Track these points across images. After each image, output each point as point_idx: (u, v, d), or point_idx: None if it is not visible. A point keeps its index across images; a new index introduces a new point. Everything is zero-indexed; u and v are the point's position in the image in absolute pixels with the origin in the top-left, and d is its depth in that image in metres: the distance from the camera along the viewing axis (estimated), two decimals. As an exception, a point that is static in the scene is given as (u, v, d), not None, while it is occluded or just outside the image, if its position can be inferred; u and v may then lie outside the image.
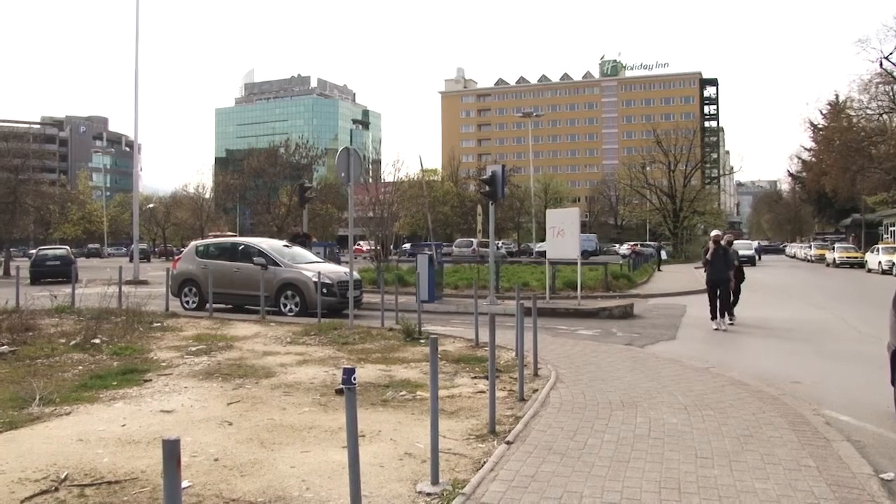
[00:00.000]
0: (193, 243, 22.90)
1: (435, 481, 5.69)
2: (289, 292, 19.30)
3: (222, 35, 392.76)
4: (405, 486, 5.74)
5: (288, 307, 19.15)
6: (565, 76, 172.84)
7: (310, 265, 20.20)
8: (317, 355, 12.23)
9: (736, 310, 18.39)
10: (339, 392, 8.91)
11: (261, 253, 20.12)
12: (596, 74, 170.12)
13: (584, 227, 69.61)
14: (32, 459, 6.45)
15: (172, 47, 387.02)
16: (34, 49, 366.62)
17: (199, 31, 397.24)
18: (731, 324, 17.42)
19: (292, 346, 13.45)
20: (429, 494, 5.53)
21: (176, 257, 22.95)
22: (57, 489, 5.72)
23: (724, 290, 17.30)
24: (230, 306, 20.39)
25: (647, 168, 77.04)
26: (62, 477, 5.98)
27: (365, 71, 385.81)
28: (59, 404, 8.73)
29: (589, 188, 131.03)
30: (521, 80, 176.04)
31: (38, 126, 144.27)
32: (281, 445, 6.89)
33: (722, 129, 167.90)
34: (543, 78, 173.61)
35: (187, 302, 20.64)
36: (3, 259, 49.97)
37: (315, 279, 18.54)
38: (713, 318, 17.17)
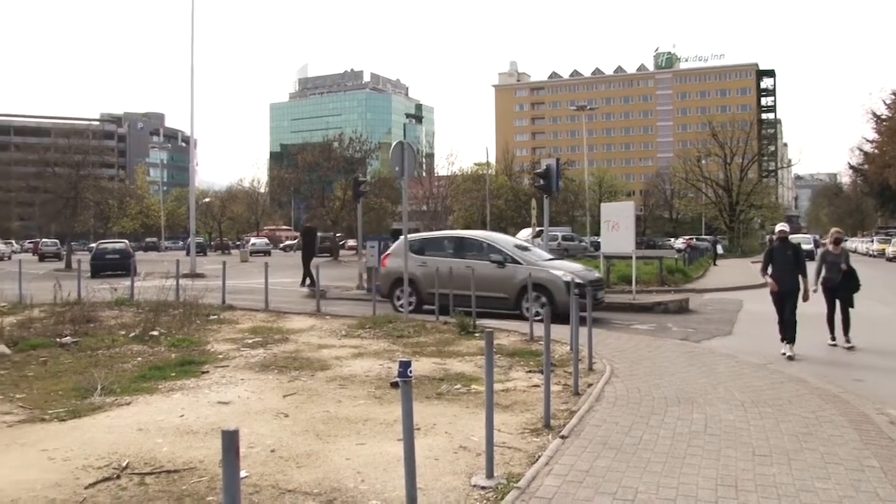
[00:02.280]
0: (404, 237, 20.79)
1: (489, 475, 5.69)
2: (534, 293, 16.34)
3: (276, 30, 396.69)
4: (460, 479, 5.75)
5: (530, 308, 15.99)
6: (619, 69, 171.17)
7: (551, 262, 18.49)
8: (371, 348, 12.32)
9: (803, 308, 13.40)
10: (394, 385, 8.97)
11: (496, 248, 18.14)
12: (650, 67, 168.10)
13: (639, 221, 68.90)
14: (95, 447, 6.61)
15: (227, 43, 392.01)
16: (94, 49, 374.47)
17: (253, 27, 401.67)
18: (791, 356, 12.28)
19: (347, 339, 13.55)
20: (483, 488, 5.54)
21: (385, 253, 20.46)
22: (119, 476, 5.85)
23: (790, 304, 12.65)
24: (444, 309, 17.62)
25: (703, 161, 76.00)
26: (123, 465, 6.12)
27: (418, 65, 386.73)
28: (119, 394, 8.93)
29: (643, 181, 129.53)
30: (575, 73, 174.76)
31: (97, 123, 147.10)
32: (336, 437, 6.95)
33: (779, 122, 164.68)
34: (597, 71, 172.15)
35: (402, 304, 18.16)
36: (65, 252, 51.28)
37: (566, 278, 16.70)
38: (782, 339, 12.74)
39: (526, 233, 57.61)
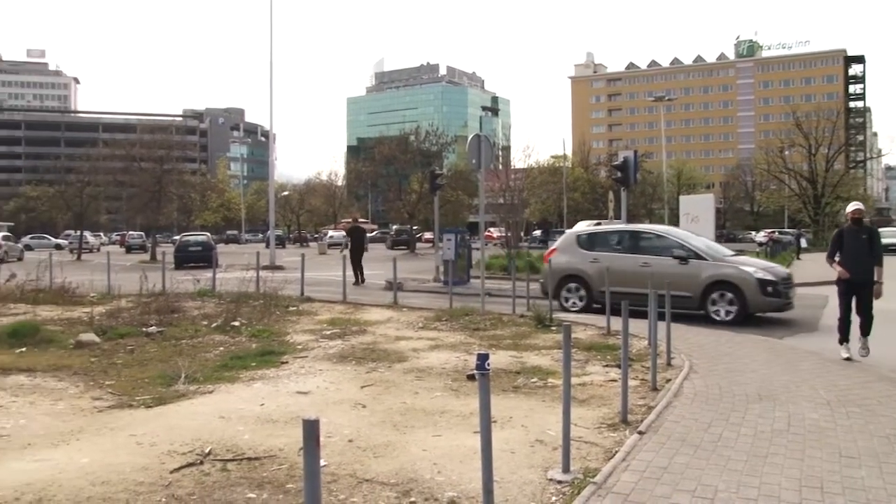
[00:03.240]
0: (571, 232, 19.73)
1: (566, 469, 5.67)
2: (721, 292, 15.71)
3: (353, 26, 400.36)
4: (536, 472, 5.75)
5: (717, 309, 15.74)
6: (698, 58, 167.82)
7: (738, 258, 17.42)
8: (448, 341, 12.37)
9: (879, 304, 11.90)
10: (471, 377, 8.99)
11: (678, 243, 16.71)
12: (731, 56, 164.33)
13: (719, 214, 67.50)
14: (179, 434, 6.80)
15: (305, 39, 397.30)
16: (177, 47, 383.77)
17: (330, 23, 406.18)
18: (849, 358, 10.99)
19: (424, 331, 13.63)
20: (560, 482, 5.52)
21: (550, 249, 19.35)
22: (202, 462, 6.01)
23: (865, 295, 11.10)
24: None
25: (786, 152, 74.00)
26: (206, 451, 6.28)
27: (494, 58, 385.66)
28: (202, 383, 9.17)
29: (723, 173, 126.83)
30: (653, 63, 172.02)
31: (180, 119, 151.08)
32: (413, 429, 7.01)
33: (869, 110, 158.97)
34: (675, 61, 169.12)
35: (571, 303, 17.43)
36: (150, 245, 52.75)
37: (757, 275, 15.65)
38: (841, 339, 11.45)
39: (583, 225, 57.10)
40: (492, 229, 53.74)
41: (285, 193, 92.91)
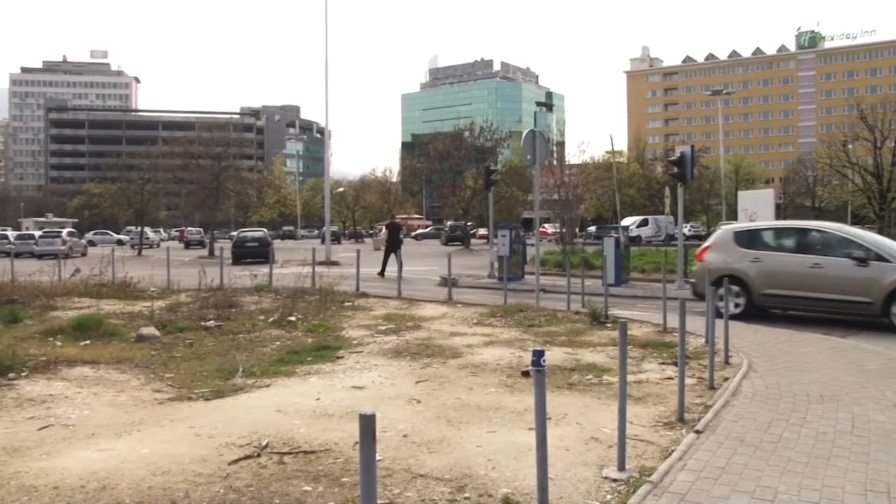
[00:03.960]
0: (728, 228, 18.14)
1: (621, 467, 5.62)
2: None
3: (407, 22, 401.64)
4: (591, 470, 5.71)
5: None
6: (758, 51, 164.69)
7: None
8: (503, 337, 12.34)
9: None
10: (525, 374, 8.96)
11: (856, 243, 14.89)
12: (792, 47, 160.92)
13: (778, 210, 66.15)
14: (237, 426, 6.90)
15: (360, 36, 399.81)
16: (233, 46, 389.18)
17: (384, 19, 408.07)
18: None
19: (478, 327, 13.62)
20: (615, 480, 5.48)
21: (703, 246, 17.90)
22: (259, 455, 6.10)
23: None
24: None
25: (850, 146, 72.14)
26: (263, 444, 6.37)
27: (548, 53, 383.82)
28: (259, 377, 9.31)
29: (783, 168, 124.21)
30: (710, 56, 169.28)
31: (237, 116, 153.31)
32: (468, 424, 7.01)
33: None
34: (734, 53, 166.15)
35: (729, 307, 14.37)
36: (208, 240, 53.62)
37: None
38: None
39: (630, 221, 56.37)
40: (546, 225, 53.51)
41: (340, 190, 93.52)
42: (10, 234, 57.66)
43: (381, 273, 25.88)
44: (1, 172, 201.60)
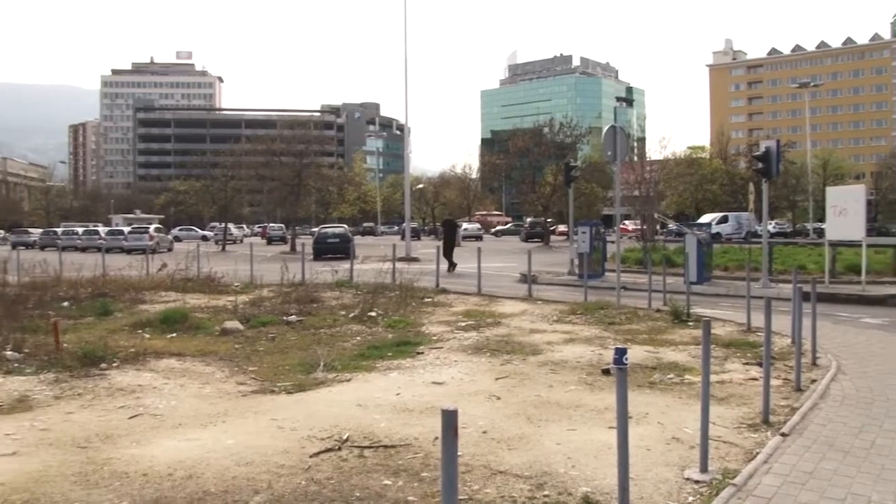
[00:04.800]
0: None
1: (704, 469, 5.51)
2: None
3: (487, 18, 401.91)
4: (672, 471, 5.62)
5: None
6: (848, 40, 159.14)
7: None
8: (583, 334, 12.24)
9: None
10: (606, 372, 8.88)
11: None
12: (886, 35, 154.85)
13: (870, 206, 64.04)
14: (318, 420, 7.01)
15: (439, 33, 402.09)
16: (314, 45, 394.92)
17: (464, 16, 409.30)
18: None
19: (558, 324, 13.54)
20: (697, 482, 5.37)
21: None
22: (340, 448, 6.18)
23: None
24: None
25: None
26: (344, 438, 6.45)
27: (628, 48, 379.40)
28: (340, 371, 9.43)
29: (875, 163, 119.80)
30: (797, 48, 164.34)
31: (318, 114, 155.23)
32: (547, 422, 6.98)
33: None
34: (822, 44, 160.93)
35: None
36: (289, 236, 54.51)
37: None
38: None
39: (710, 217, 55.01)
40: (627, 222, 52.89)
41: (420, 186, 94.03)
42: (101, 229, 59.69)
43: (450, 269, 26.18)
44: (93, 170, 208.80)
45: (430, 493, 5.19)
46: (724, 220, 55.90)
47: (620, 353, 4.40)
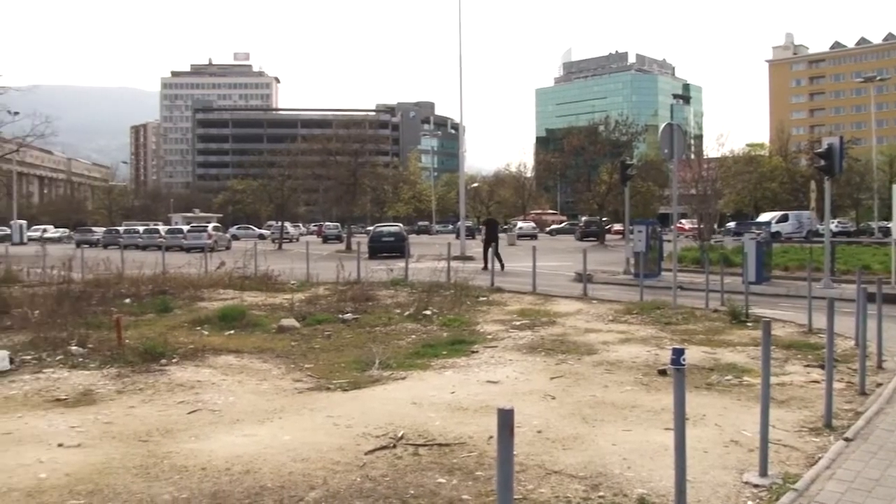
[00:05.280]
0: None
1: (763, 473, 5.41)
2: None
3: (541, 16, 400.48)
4: (730, 474, 5.52)
5: None
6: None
7: None
8: (639, 334, 12.12)
9: None
10: (662, 372, 8.78)
11: None
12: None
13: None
14: (373, 417, 7.05)
15: (494, 31, 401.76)
16: (369, 45, 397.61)
17: (518, 14, 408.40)
18: None
19: (614, 324, 13.42)
20: (756, 486, 5.28)
21: None
22: (395, 446, 6.22)
23: None
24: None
25: None
26: (399, 435, 6.48)
27: (685, 43, 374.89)
28: (395, 369, 9.48)
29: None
30: (862, 40, 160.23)
31: (373, 113, 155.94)
32: (602, 422, 6.92)
33: None
34: (889, 36, 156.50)
35: None
36: (345, 235, 54.92)
37: None
38: None
39: (769, 216, 53.77)
40: (683, 221, 52.21)
41: (475, 185, 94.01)
42: (161, 228, 60.82)
43: (485, 267, 26.18)
44: (153, 170, 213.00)
45: (484, 492, 5.19)
46: (784, 218, 54.82)
47: (678, 353, 4.34)
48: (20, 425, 6.98)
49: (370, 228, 53.82)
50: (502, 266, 26.45)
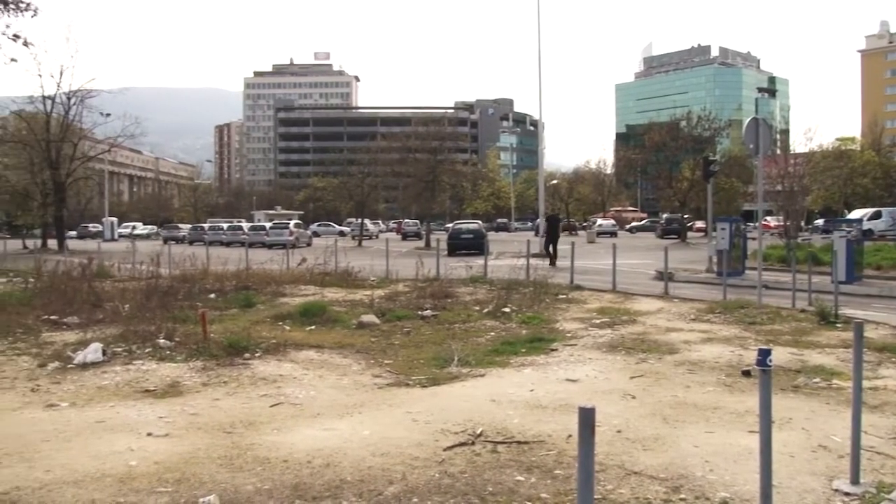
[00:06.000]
0: None
1: (855, 480, 5.21)
2: None
3: (620, 10, 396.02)
4: (818, 480, 5.35)
5: None
6: None
7: None
8: (722, 334, 11.85)
9: None
10: (746, 373, 8.58)
11: None
12: None
13: None
14: (452, 414, 7.07)
15: (573, 26, 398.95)
16: (447, 42, 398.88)
17: (598, 8, 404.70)
18: None
19: (696, 323, 13.17)
20: (847, 494, 5.09)
21: None
22: (473, 443, 6.22)
23: None
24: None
25: None
26: (478, 432, 6.48)
27: (770, 35, 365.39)
28: (474, 366, 9.49)
29: None
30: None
31: (452, 111, 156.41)
32: (684, 423, 6.80)
33: None
34: None
35: None
36: (424, 232, 55.25)
37: None
38: None
39: (860, 213, 51.79)
40: (768, 218, 50.96)
41: (554, 182, 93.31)
42: (245, 225, 62.15)
43: (553, 263, 27.03)
44: (236, 169, 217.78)
45: (562, 492, 5.15)
46: (876, 215, 52.93)
47: (764, 354, 4.22)
48: (112, 414, 7.24)
49: (449, 225, 53.98)
50: (552, 261, 27.17)
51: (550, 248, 28.80)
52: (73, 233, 68.90)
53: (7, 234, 61.77)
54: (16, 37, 26.52)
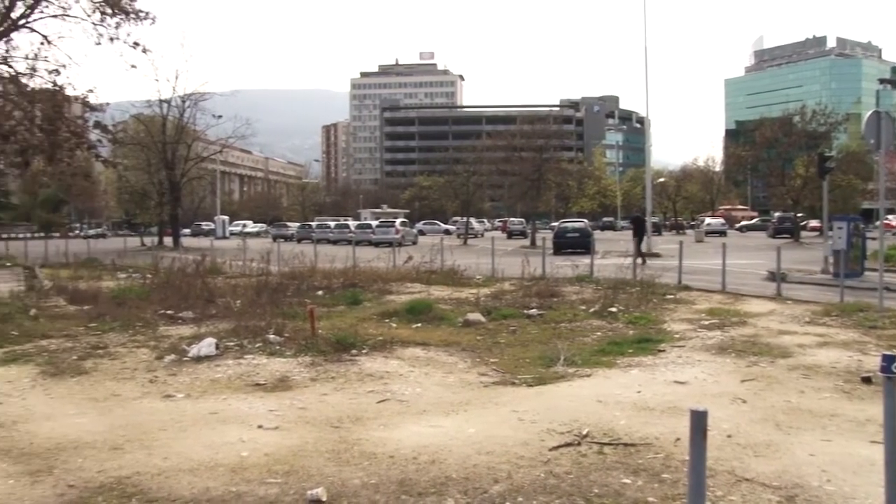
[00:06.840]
0: None
1: None
2: None
3: (729, 3, 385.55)
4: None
5: None
6: None
7: None
8: (839, 338, 11.39)
9: None
10: (866, 380, 8.23)
11: None
12: None
13: None
14: (558, 413, 7.04)
15: (680, 21, 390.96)
16: (552, 40, 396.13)
17: (706, 2, 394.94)
18: None
19: (810, 326, 12.70)
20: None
21: None
22: (579, 444, 6.18)
23: None
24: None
25: None
26: (584, 433, 6.43)
27: (893, 22, 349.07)
28: (580, 366, 9.42)
29: None
30: None
31: (557, 109, 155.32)
32: (798, 430, 6.58)
33: None
34: None
35: None
36: (530, 231, 55.13)
37: None
38: None
39: None
40: (891, 217, 48.79)
41: (661, 180, 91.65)
42: (351, 223, 63.24)
43: (643, 261, 26.70)
44: (343, 168, 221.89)
45: (670, 496, 5.06)
46: None
47: (889, 360, 4.03)
48: (224, 406, 7.50)
49: (554, 224, 53.74)
50: (644, 260, 26.84)
51: (637, 246, 28.93)
52: (188, 230, 71.62)
53: (127, 232, 64.64)
54: (135, 44, 27.72)
